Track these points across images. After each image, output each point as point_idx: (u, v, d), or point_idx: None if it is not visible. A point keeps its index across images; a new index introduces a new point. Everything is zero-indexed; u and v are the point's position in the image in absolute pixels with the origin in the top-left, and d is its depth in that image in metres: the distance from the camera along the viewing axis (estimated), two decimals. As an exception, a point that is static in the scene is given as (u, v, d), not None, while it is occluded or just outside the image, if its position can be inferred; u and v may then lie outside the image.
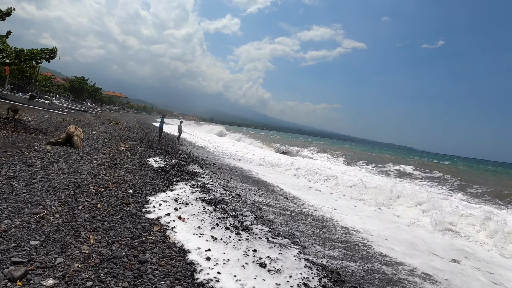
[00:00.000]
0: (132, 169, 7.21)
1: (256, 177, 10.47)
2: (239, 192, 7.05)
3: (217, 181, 7.84)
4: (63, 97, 37.37)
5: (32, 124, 12.42)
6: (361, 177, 12.50)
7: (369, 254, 4.44)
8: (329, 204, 7.88)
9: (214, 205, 5.22)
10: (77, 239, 3.05)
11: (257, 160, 15.41)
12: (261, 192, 7.73)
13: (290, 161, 15.55)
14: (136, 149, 10.95)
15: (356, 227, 5.81)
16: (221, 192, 6.41)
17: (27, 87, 29.51)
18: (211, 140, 25.98)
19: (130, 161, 8.18)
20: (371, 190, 9.49)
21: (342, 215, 6.78)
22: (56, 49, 12.36)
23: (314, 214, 6.38)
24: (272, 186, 9.12)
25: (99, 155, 8.10)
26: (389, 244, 5.04)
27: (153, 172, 7.39)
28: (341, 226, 5.77)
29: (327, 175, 11.85)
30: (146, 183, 6.03)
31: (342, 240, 4.86)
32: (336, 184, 10.78)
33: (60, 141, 8.65)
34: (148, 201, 4.82)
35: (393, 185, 10.11)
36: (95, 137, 12.24)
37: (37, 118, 15.64)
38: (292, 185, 10.20)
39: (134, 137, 15.11)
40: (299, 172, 12.62)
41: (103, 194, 4.68)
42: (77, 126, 9.39)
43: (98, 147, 9.57)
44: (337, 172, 13.18)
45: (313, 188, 10.21)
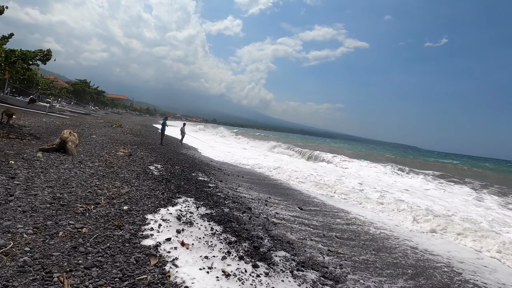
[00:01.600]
0: (129, 178, 6.46)
1: (269, 182, 9.67)
2: (250, 204, 6.27)
3: (225, 191, 7.06)
4: (64, 100, 37.00)
5: (28, 129, 11.79)
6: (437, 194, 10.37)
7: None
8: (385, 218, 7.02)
9: (223, 224, 4.44)
10: (46, 286, 2.29)
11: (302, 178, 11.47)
12: (278, 202, 6.94)
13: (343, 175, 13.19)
14: (136, 154, 10.24)
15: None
16: (230, 206, 5.62)
17: (28, 90, 29.12)
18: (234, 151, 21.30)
19: (129, 169, 7.45)
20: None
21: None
22: (51, 51, 11.75)
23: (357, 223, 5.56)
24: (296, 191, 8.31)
25: (94, 163, 7.38)
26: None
27: (153, 181, 6.64)
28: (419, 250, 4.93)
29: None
30: (145, 196, 5.27)
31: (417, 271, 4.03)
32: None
33: (53, 148, 7.96)
34: (146, 221, 4.06)
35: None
36: (93, 141, 11.57)
37: (35, 122, 15.04)
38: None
39: (135, 141, 14.43)
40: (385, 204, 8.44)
41: (92, 214, 3.93)
42: (72, 131, 8.70)
43: (94, 153, 8.87)
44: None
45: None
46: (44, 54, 11.54)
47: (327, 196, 9.12)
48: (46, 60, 11.76)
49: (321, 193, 9.36)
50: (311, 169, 15.15)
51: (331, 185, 10.33)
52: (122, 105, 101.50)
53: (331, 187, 10.12)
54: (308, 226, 5.51)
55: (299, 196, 8.38)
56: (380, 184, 12.42)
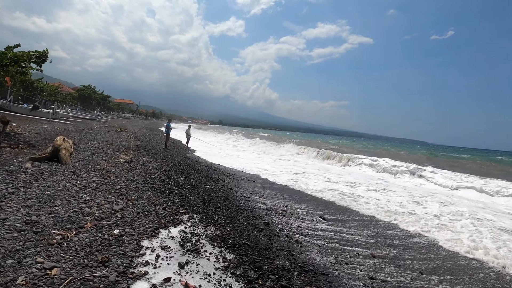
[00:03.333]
0: (127, 190, 5.62)
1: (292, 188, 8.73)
2: (266, 217, 5.34)
3: (236, 201, 6.14)
4: (69, 106, 36.84)
5: (24, 136, 11.15)
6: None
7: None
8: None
9: (238, 250, 3.52)
10: None
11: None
12: (296, 211, 6.00)
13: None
14: (138, 160, 9.44)
15: None
16: (244, 222, 4.70)
17: (33, 98, 28.92)
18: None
19: (127, 178, 6.62)
20: None
21: None
22: (47, 51, 11.07)
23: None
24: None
25: (89, 173, 6.58)
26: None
27: (154, 192, 5.79)
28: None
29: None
30: (142, 213, 4.41)
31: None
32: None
33: (44, 156, 7.21)
34: (141, 250, 3.18)
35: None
36: (93, 147, 10.84)
37: (35, 129, 14.48)
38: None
39: (138, 146, 13.69)
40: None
41: (71, 244, 3.07)
42: (66, 137, 7.94)
43: (92, 160, 8.09)
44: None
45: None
46: (40, 55, 10.87)
47: (346, 199, 8.12)
48: (42, 62, 11.08)
49: (339, 198, 8.36)
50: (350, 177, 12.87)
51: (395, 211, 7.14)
52: (128, 110, 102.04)
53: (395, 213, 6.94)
54: (339, 242, 4.55)
55: (315, 201, 7.41)
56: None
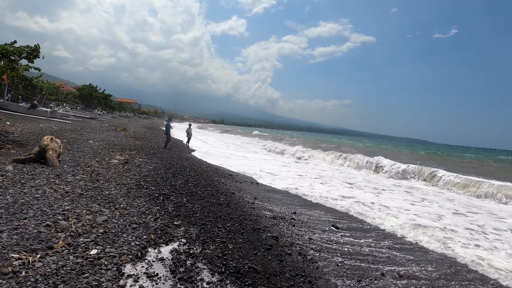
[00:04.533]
0: (116, 196, 4.97)
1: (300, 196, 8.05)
2: (274, 228, 4.67)
3: (239, 209, 5.47)
4: (69, 105, 36.40)
5: (15, 135, 10.56)
6: None
7: None
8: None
9: (243, 277, 2.84)
10: None
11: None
12: (305, 219, 5.33)
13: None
14: (134, 161, 8.81)
15: None
16: (250, 237, 4.01)
17: (32, 96, 28.48)
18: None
19: (118, 182, 5.97)
20: None
21: None
22: (39, 46, 10.46)
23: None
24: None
25: (76, 176, 5.94)
26: None
27: (147, 199, 5.13)
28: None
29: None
30: (130, 226, 3.75)
31: None
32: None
33: (30, 157, 6.59)
34: (120, 280, 2.52)
35: None
36: (88, 147, 10.23)
37: (29, 128, 13.91)
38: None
39: (136, 145, 13.07)
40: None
41: (31, 272, 2.42)
42: (54, 137, 7.32)
43: (82, 162, 7.47)
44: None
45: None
46: (31, 50, 10.26)
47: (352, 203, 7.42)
48: (34, 57, 10.48)
49: (349, 203, 7.66)
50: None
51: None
52: (130, 109, 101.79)
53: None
54: (358, 258, 3.87)
55: (324, 207, 6.72)
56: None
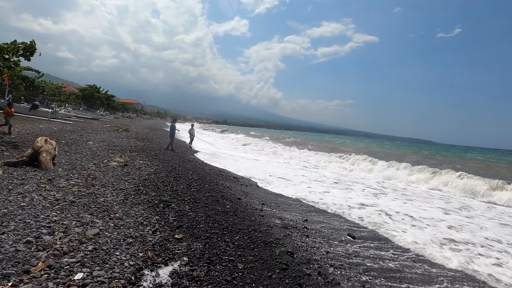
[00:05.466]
0: (111, 204, 4.51)
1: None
2: (287, 240, 4.17)
3: (247, 218, 4.98)
4: (71, 106, 36.18)
5: (12, 136, 10.18)
6: None
7: None
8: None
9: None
10: None
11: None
12: (318, 227, 4.83)
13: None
14: (134, 163, 8.36)
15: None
16: (261, 254, 3.51)
17: (35, 97, 28.28)
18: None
19: (116, 187, 5.52)
20: None
21: None
22: (35, 43, 10.08)
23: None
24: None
25: (70, 180, 5.50)
26: None
27: (146, 206, 4.66)
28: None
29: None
30: (124, 241, 3.28)
31: None
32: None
33: (22, 160, 6.16)
34: (108, 314, 2.04)
35: None
36: (86, 149, 9.81)
37: (28, 129, 13.56)
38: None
39: (137, 146, 12.64)
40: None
41: (-3, 308, 1.96)
42: (49, 138, 6.89)
43: (79, 164, 7.03)
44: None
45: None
46: (27, 47, 9.88)
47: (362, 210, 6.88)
48: (30, 55, 10.11)
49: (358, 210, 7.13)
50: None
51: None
52: (133, 109, 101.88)
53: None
54: (384, 275, 3.35)
55: (335, 215, 6.20)
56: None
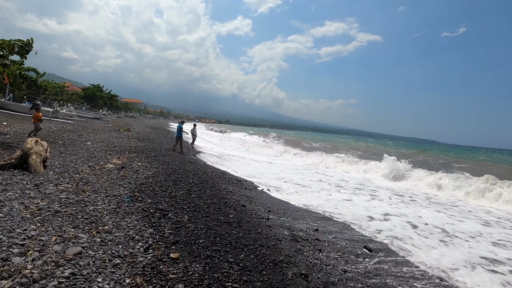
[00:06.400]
0: (102, 213, 4.02)
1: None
2: (298, 257, 3.65)
3: (252, 229, 4.46)
4: (73, 105, 36.02)
5: (7, 136, 9.80)
6: None
7: None
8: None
9: None
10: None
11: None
12: (330, 238, 4.31)
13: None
14: (132, 165, 7.89)
15: None
16: (274, 281, 3.00)
17: (37, 96, 28.08)
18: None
19: (109, 193, 5.04)
20: None
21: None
22: (32, 41, 9.69)
23: None
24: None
25: (59, 185, 5.03)
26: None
27: (140, 216, 4.17)
28: None
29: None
30: (111, 261, 2.78)
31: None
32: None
33: (10, 163, 5.72)
34: None
35: None
36: (83, 149, 9.39)
37: (26, 128, 13.22)
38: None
39: (137, 147, 12.21)
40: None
41: None
42: (40, 139, 6.44)
43: (73, 167, 6.57)
44: None
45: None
46: (23, 45, 9.49)
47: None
48: (26, 52, 9.73)
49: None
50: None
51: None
52: (136, 109, 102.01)
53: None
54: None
55: (342, 223, 5.66)
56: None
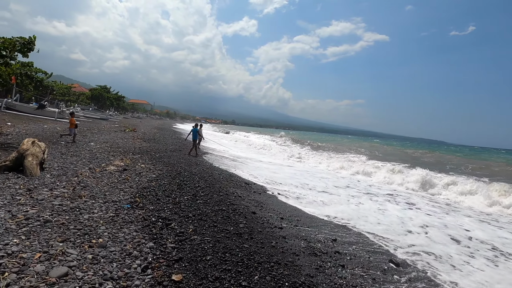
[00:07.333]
0: (97, 222, 3.59)
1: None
2: (319, 278, 3.14)
3: (266, 242, 3.97)
4: (80, 106, 36.20)
5: (8, 137, 9.55)
6: None
7: None
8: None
9: None
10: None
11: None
12: (350, 249, 3.79)
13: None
14: (135, 167, 7.50)
15: None
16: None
17: (44, 97, 28.24)
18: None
19: (107, 198, 4.62)
20: None
21: None
22: (34, 38, 9.41)
23: None
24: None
25: (55, 190, 4.64)
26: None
27: (140, 226, 3.73)
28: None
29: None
30: (101, 285, 2.34)
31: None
32: None
33: (5, 165, 5.37)
34: None
35: None
36: (86, 150, 9.06)
37: (30, 129, 13.03)
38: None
39: (142, 148, 11.86)
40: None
41: None
42: (37, 140, 6.09)
43: (72, 169, 6.20)
44: None
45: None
46: (25, 42, 9.21)
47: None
48: (28, 51, 9.45)
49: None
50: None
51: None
52: (142, 110, 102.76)
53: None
54: None
55: (357, 232, 5.11)
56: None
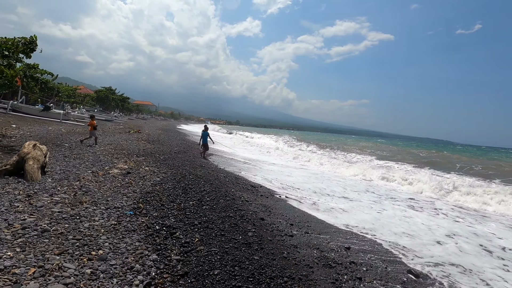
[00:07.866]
0: (98, 231, 3.37)
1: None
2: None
3: (277, 252, 3.70)
4: (85, 107, 36.39)
5: (12, 139, 9.45)
6: None
7: None
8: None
9: None
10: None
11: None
12: (366, 258, 3.49)
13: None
14: (139, 170, 7.30)
15: None
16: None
17: (49, 99, 28.40)
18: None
19: (109, 205, 4.40)
20: None
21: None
22: (36, 38, 9.30)
23: None
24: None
25: (55, 195, 4.44)
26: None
27: (143, 235, 3.50)
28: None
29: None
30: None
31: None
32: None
33: (5, 169, 5.20)
34: None
35: None
36: (89, 153, 8.91)
37: (35, 130, 12.97)
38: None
39: (146, 150, 11.69)
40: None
41: None
42: (38, 143, 5.92)
43: (74, 172, 6.02)
44: None
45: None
46: (27, 42, 9.10)
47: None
48: (30, 51, 9.35)
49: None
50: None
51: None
52: (147, 111, 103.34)
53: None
54: None
55: (368, 239, 4.79)
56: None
